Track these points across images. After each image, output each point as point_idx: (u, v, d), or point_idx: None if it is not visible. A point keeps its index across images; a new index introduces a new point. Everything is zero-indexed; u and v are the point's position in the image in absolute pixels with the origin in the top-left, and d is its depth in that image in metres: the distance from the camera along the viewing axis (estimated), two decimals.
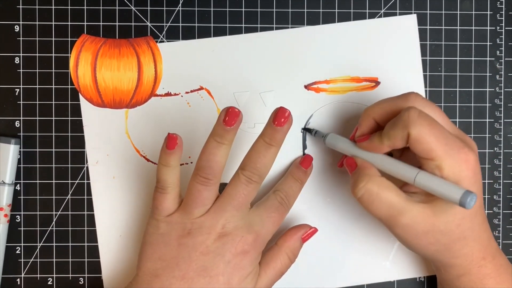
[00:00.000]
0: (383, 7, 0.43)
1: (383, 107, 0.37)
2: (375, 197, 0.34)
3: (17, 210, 0.42)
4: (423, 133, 0.33)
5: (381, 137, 0.35)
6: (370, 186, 0.34)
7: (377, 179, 0.34)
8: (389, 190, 0.34)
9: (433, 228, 0.34)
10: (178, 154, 0.36)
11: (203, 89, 0.42)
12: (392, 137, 0.34)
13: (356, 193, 0.35)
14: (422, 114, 0.33)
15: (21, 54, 0.42)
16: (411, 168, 0.34)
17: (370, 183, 0.34)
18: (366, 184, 0.34)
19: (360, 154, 0.37)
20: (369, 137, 0.36)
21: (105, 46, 0.42)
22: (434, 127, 0.33)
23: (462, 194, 0.31)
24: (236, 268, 0.35)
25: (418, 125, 0.33)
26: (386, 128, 0.35)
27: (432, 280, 0.43)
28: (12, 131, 0.42)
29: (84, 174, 0.42)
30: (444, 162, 0.33)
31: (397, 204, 0.34)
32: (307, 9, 0.43)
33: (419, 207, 0.34)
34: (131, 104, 0.42)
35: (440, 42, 0.43)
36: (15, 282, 0.42)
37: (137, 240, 0.42)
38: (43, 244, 0.42)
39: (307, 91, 0.43)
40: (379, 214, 0.34)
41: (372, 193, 0.34)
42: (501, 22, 0.43)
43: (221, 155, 0.35)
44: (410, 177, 0.34)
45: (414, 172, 0.34)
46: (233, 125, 0.35)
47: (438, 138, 0.33)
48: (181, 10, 0.43)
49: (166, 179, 0.36)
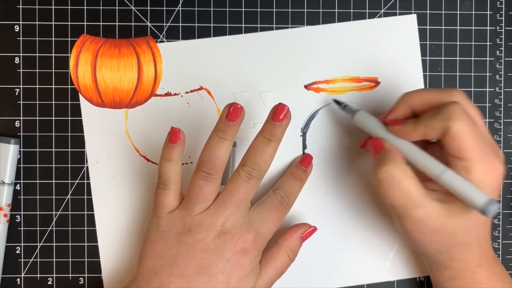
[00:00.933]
0: (383, 7, 0.43)
1: (424, 96, 0.36)
2: (396, 183, 0.33)
3: (17, 210, 0.42)
4: (463, 130, 0.32)
5: (416, 124, 0.34)
6: (394, 171, 0.33)
7: (402, 166, 0.34)
8: (411, 180, 0.33)
9: (443, 228, 0.33)
10: (181, 149, 0.37)
11: (203, 89, 0.42)
12: (429, 126, 0.34)
13: (378, 174, 0.34)
14: (465, 112, 0.33)
15: (21, 54, 0.42)
16: (438, 163, 0.33)
17: (395, 168, 0.33)
18: (391, 168, 0.33)
19: (388, 137, 0.36)
20: (403, 122, 0.35)
21: (105, 46, 0.42)
22: (474, 128, 0.33)
23: (487, 201, 0.31)
24: (236, 267, 0.35)
25: (460, 122, 0.32)
26: (424, 117, 0.34)
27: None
28: (12, 131, 0.42)
29: (84, 174, 0.42)
30: (475, 165, 0.32)
31: (416, 196, 0.33)
32: (307, 9, 0.43)
33: (435, 204, 0.33)
34: (131, 104, 0.42)
35: (440, 42, 0.43)
36: (15, 282, 0.42)
37: (137, 240, 0.42)
38: (43, 244, 0.42)
39: (307, 91, 0.43)
40: (394, 202, 0.34)
41: (394, 179, 0.33)
42: (501, 22, 0.43)
43: (223, 150, 0.36)
44: (436, 172, 0.33)
45: (441, 168, 0.33)
46: (235, 120, 0.36)
47: (476, 140, 0.33)
48: (181, 10, 0.43)
49: (168, 173, 0.37)
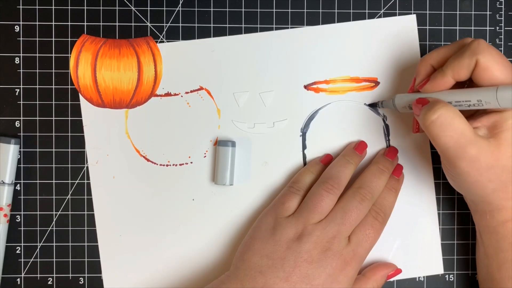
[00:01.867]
0: (383, 7, 0.43)
1: (441, 51, 0.37)
2: (449, 122, 0.33)
3: (17, 210, 0.42)
4: (492, 61, 0.33)
5: (443, 71, 0.35)
6: (445, 110, 0.33)
7: (452, 107, 0.34)
8: (462, 119, 0.33)
9: (497, 163, 0.34)
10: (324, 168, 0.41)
11: (203, 89, 0.43)
12: (456, 67, 0.34)
13: (429, 116, 0.33)
14: (488, 44, 0.34)
15: (21, 54, 0.42)
16: (486, 87, 0.33)
17: (446, 107, 0.33)
18: (442, 107, 0.33)
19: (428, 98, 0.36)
20: (430, 78, 0.36)
21: (105, 46, 0.42)
22: (501, 56, 0.34)
23: None
24: (335, 282, 0.36)
25: (487, 53, 0.33)
26: (450, 61, 0.35)
27: (431, 279, 0.43)
28: (12, 131, 0.42)
29: (84, 174, 0.42)
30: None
31: (469, 133, 0.33)
32: (307, 9, 0.43)
33: (485, 141, 0.34)
34: (131, 104, 0.42)
35: (439, 42, 0.43)
36: (15, 282, 0.42)
37: (137, 240, 0.42)
38: (43, 244, 0.42)
39: (307, 91, 0.43)
40: (448, 142, 0.33)
41: (447, 117, 0.33)
42: (500, 22, 0.43)
43: (349, 170, 0.40)
44: (490, 93, 0.33)
45: (493, 88, 0.33)
46: (361, 153, 0.41)
47: (505, 67, 0.33)
48: (181, 10, 0.43)
49: (306, 181, 0.40)
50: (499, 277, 0.37)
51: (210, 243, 0.42)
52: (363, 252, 0.38)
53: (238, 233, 0.42)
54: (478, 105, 0.34)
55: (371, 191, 0.39)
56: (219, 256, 0.42)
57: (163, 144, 0.42)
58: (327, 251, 0.36)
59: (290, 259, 0.36)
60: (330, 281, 0.36)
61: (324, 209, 0.38)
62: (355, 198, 0.38)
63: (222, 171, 0.41)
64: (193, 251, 0.42)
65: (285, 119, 0.43)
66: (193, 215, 0.42)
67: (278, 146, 0.43)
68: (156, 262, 0.42)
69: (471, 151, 0.33)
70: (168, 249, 0.42)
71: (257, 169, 0.42)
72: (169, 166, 0.42)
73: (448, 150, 0.34)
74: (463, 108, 0.34)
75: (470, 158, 0.33)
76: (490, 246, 0.38)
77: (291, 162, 0.43)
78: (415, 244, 0.43)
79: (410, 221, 0.43)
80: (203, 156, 0.42)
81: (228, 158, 0.41)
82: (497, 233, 0.37)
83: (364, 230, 0.38)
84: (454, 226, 0.43)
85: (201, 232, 0.42)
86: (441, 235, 0.43)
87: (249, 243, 0.38)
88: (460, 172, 0.35)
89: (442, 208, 0.43)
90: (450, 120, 0.33)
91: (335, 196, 0.38)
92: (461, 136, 0.33)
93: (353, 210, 0.37)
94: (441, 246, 0.43)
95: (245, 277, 0.36)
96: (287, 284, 0.36)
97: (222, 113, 0.42)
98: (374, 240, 0.38)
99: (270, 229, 0.38)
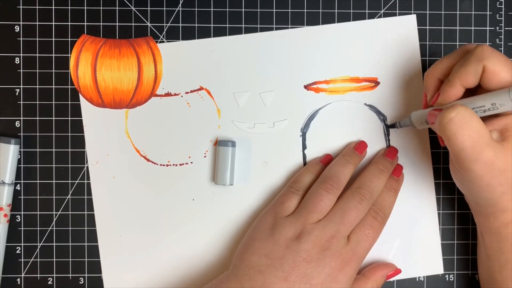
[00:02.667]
0: (383, 7, 0.43)
1: (444, 62, 0.37)
2: (467, 121, 0.32)
3: (17, 210, 0.42)
4: (499, 64, 0.33)
5: (450, 81, 0.35)
6: (464, 109, 0.33)
7: (470, 108, 0.33)
8: (480, 120, 0.33)
9: (508, 166, 0.33)
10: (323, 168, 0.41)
11: (203, 89, 0.43)
12: (463, 74, 0.34)
13: (449, 113, 0.33)
14: (492, 48, 0.34)
15: (21, 54, 0.42)
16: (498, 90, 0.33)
17: (464, 107, 0.33)
18: (460, 107, 0.33)
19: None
20: (439, 92, 0.36)
21: (105, 46, 0.42)
22: (506, 59, 0.34)
23: None
24: (333, 282, 0.36)
25: (493, 58, 0.33)
26: (455, 69, 0.35)
27: (431, 279, 0.43)
28: (12, 131, 0.42)
29: (84, 174, 0.42)
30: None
31: (486, 135, 0.33)
32: (307, 9, 0.43)
33: (499, 143, 0.34)
34: (131, 104, 0.42)
35: (439, 42, 0.43)
36: (15, 282, 0.42)
37: (137, 240, 0.42)
38: (43, 244, 0.42)
39: (307, 91, 0.43)
40: (465, 141, 0.33)
41: (465, 115, 0.32)
42: (500, 22, 0.43)
43: (348, 170, 0.40)
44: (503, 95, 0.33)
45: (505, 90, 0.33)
46: (361, 153, 0.41)
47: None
48: (181, 10, 0.43)
49: (306, 181, 0.40)
50: (501, 278, 0.37)
51: (210, 243, 0.42)
52: (362, 252, 0.38)
53: (238, 233, 0.42)
54: (493, 109, 0.34)
55: (370, 191, 0.39)
56: (219, 256, 0.42)
57: (163, 144, 0.42)
58: (326, 250, 0.36)
59: (289, 259, 0.36)
60: (329, 280, 0.36)
61: (323, 208, 0.38)
62: (354, 198, 0.38)
63: (222, 171, 0.41)
64: (193, 251, 0.42)
65: (285, 119, 0.43)
66: (193, 215, 0.42)
67: (278, 146, 0.43)
68: (156, 262, 0.42)
69: (488, 153, 0.33)
70: (168, 249, 0.42)
71: (257, 169, 0.42)
72: (169, 166, 0.42)
73: (464, 151, 0.33)
74: (479, 114, 0.34)
75: (486, 161, 0.33)
76: (492, 247, 0.38)
77: (291, 162, 0.43)
78: (415, 244, 0.43)
79: (410, 221, 0.43)
80: (203, 156, 0.42)
81: (228, 158, 0.41)
82: (499, 234, 0.37)
83: (363, 230, 0.38)
84: (454, 226, 0.43)
85: (201, 232, 0.42)
86: (441, 235, 0.43)
87: (248, 242, 0.38)
88: (473, 175, 0.34)
89: (442, 208, 0.43)
90: (468, 118, 0.33)
91: (334, 196, 0.38)
92: (478, 136, 0.33)
93: (352, 210, 0.37)
94: (441, 246, 0.43)
95: (244, 277, 0.36)
96: (286, 284, 0.36)
97: (222, 113, 0.42)
98: (373, 240, 0.38)
99: (269, 229, 0.38)
